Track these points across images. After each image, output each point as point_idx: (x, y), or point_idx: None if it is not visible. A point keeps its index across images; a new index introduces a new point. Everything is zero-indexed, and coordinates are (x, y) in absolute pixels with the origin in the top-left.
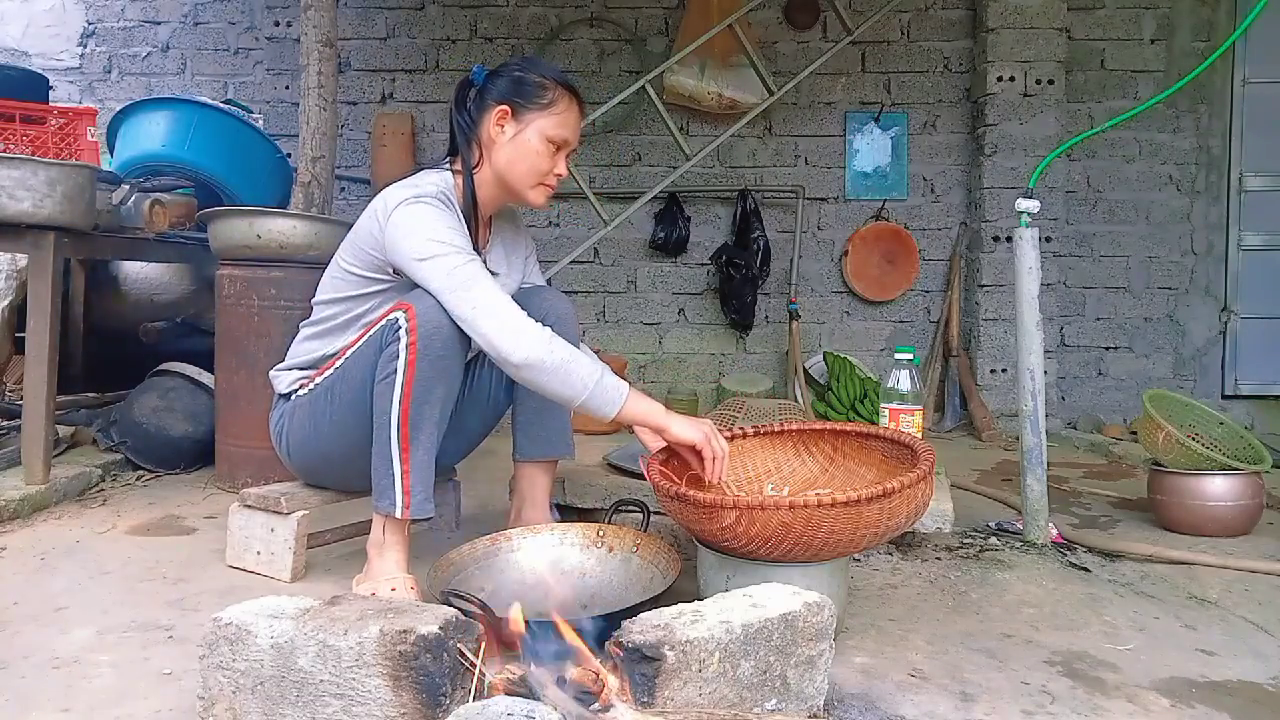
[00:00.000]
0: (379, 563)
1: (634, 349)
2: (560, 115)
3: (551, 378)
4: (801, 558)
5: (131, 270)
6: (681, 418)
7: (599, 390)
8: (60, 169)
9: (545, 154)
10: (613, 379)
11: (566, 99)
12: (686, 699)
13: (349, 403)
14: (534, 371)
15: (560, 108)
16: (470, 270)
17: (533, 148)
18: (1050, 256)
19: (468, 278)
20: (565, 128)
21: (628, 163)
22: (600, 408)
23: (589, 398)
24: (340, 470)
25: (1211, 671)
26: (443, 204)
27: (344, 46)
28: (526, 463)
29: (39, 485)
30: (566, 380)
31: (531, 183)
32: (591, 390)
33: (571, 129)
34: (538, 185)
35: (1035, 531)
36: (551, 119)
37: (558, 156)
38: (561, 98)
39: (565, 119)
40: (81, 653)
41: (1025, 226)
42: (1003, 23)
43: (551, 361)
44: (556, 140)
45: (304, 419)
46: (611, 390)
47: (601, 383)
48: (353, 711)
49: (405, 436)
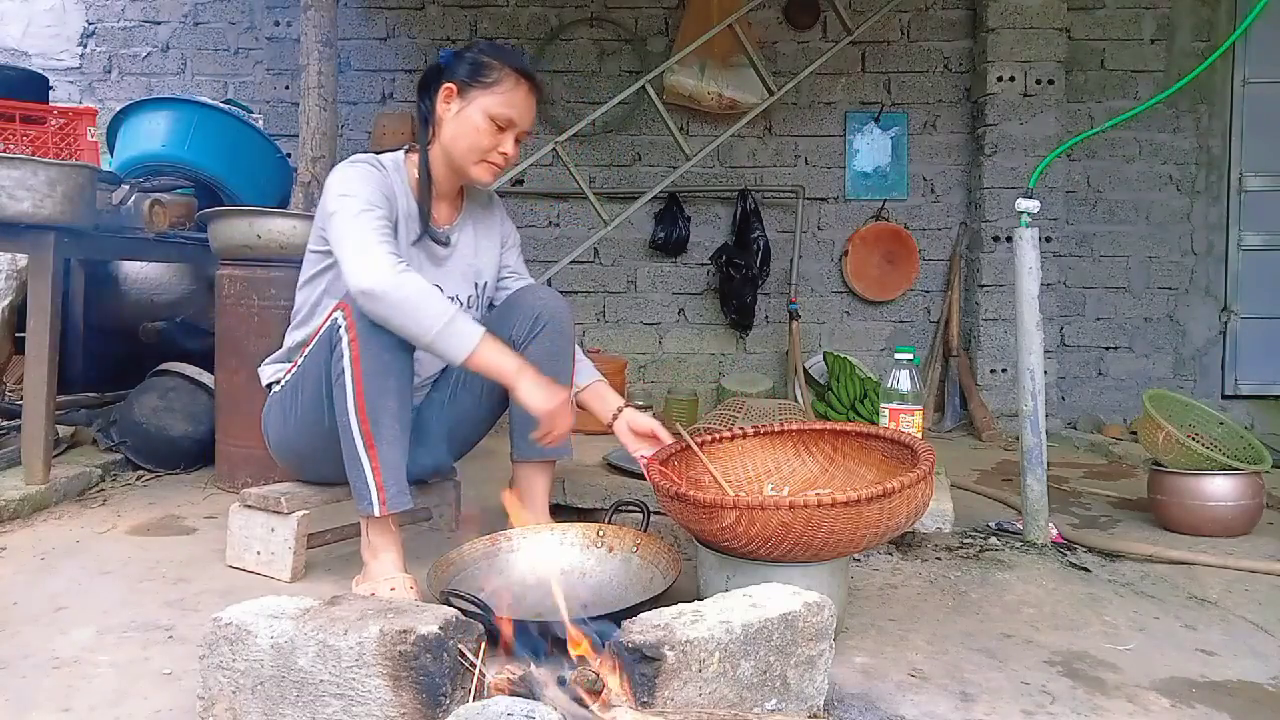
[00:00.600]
0: (375, 564)
1: (634, 349)
2: (504, 95)
3: (395, 311)
4: (801, 558)
5: (131, 270)
6: (534, 381)
7: (448, 331)
8: (60, 169)
9: (487, 131)
10: (468, 325)
11: (513, 79)
12: (686, 699)
13: (310, 401)
14: (376, 302)
15: (504, 87)
16: (357, 215)
17: (474, 124)
18: (1050, 256)
19: (351, 220)
20: (509, 107)
21: (628, 163)
22: (448, 350)
23: (436, 337)
24: (313, 463)
25: (1211, 671)
26: (372, 166)
27: (344, 46)
28: (524, 463)
29: (39, 485)
30: (413, 316)
31: (473, 159)
32: (439, 330)
33: (517, 109)
34: (480, 162)
35: (1035, 531)
36: (494, 97)
37: (503, 135)
38: (507, 78)
39: (509, 99)
40: (81, 653)
41: (1025, 226)
42: (1003, 23)
43: (397, 295)
44: (499, 119)
45: (277, 415)
46: (463, 336)
47: (452, 325)
48: (353, 711)
49: (367, 434)
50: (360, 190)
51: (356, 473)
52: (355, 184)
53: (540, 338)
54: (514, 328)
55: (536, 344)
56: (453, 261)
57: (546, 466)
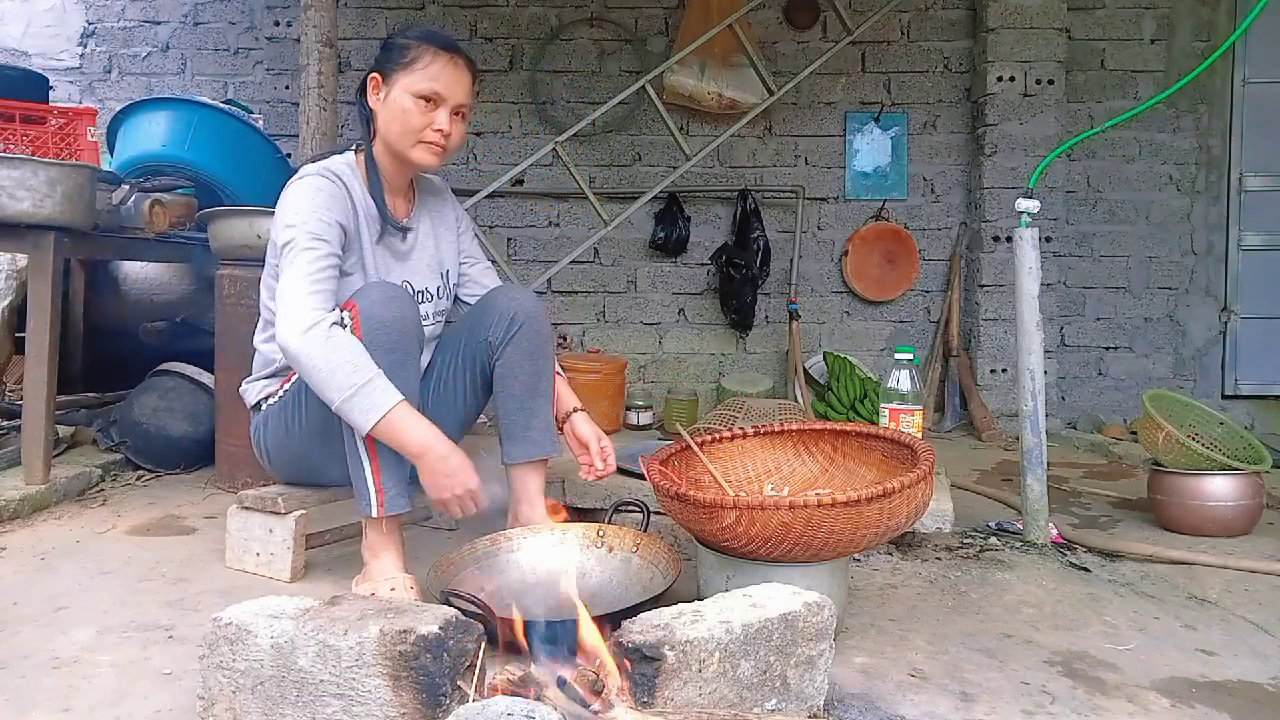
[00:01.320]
0: (375, 564)
1: (634, 349)
2: (424, 70)
3: (306, 374)
4: (801, 558)
5: (131, 270)
6: (434, 469)
7: (350, 406)
8: (60, 169)
9: (416, 111)
10: (371, 399)
11: (430, 53)
12: (686, 699)
13: (316, 405)
14: (292, 362)
15: (423, 63)
16: (296, 256)
17: (400, 106)
18: (1050, 256)
19: (290, 262)
20: (431, 80)
21: (628, 163)
22: (353, 420)
23: (340, 408)
24: (319, 468)
25: (1211, 671)
26: (325, 177)
27: (344, 46)
28: (515, 465)
29: (39, 485)
30: (321, 381)
31: (410, 142)
32: (339, 404)
33: (443, 83)
34: (417, 144)
35: (1035, 531)
36: (415, 75)
37: (434, 113)
38: (424, 53)
39: (429, 72)
40: (81, 653)
41: (1025, 226)
42: (1003, 23)
43: (306, 361)
44: (424, 94)
45: (277, 425)
46: (363, 413)
47: (354, 400)
48: (353, 711)
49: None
50: (308, 218)
51: (358, 473)
52: (304, 209)
53: (518, 338)
54: (490, 329)
55: (514, 345)
56: (415, 255)
57: (538, 466)
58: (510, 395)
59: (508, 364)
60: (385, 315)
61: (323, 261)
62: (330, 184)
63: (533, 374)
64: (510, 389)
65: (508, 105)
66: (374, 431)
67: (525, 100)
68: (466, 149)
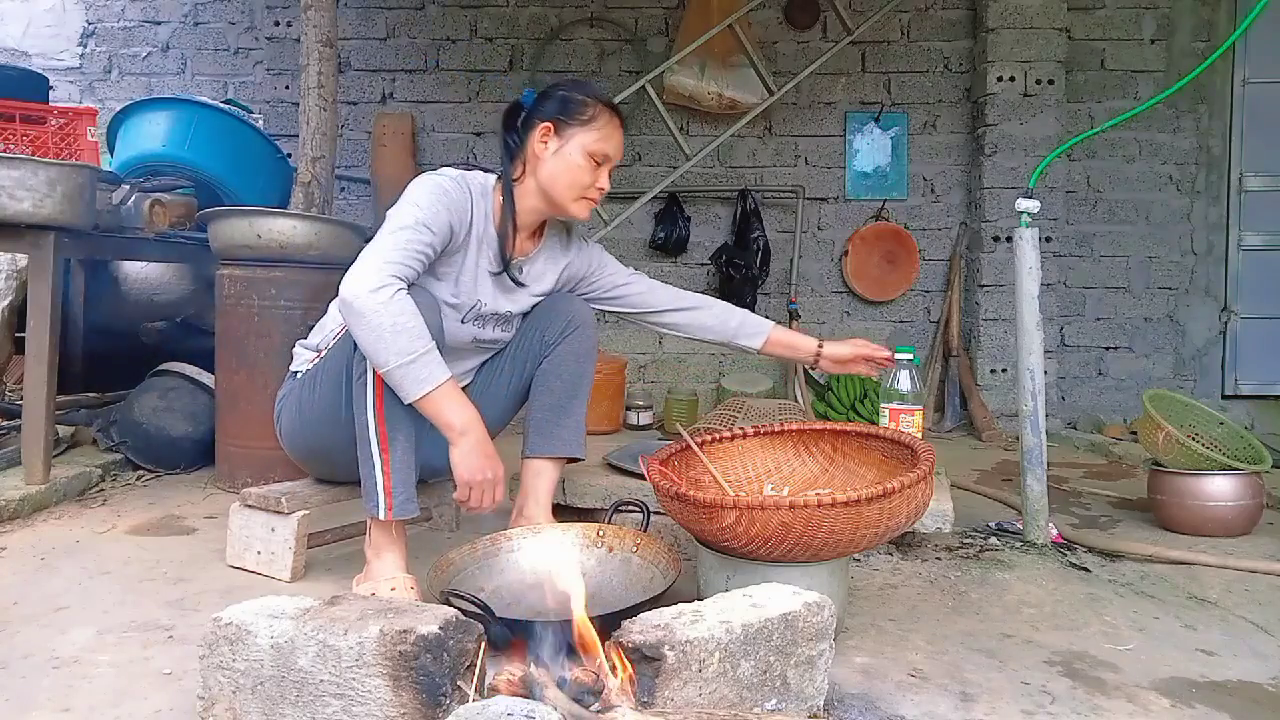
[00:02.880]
0: (377, 564)
1: (634, 349)
2: (601, 130)
3: (364, 330)
4: (801, 558)
5: (131, 270)
6: (473, 447)
7: (401, 372)
8: (60, 169)
9: (587, 168)
10: (429, 370)
11: (607, 115)
12: (686, 699)
13: (327, 396)
14: (351, 314)
15: (601, 123)
16: (397, 230)
17: (574, 161)
18: (1050, 256)
19: (389, 231)
20: (606, 143)
21: (628, 163)
22: (402, 386)
23: (394, 369)
24: (324, 456)
25: (1211, 671)
26: (460, 184)
27: (344, 46)
28: (535, 458)
29: (39, 485)
30: (378, 341)
31: (574, 195)
32: (394, 367)
33: (614, 145)
34: (580, 199)
35: (1035, 531)
36: (592, 134)
37: (599, 171)
38: (602, 114)
39: (606, 134)
40: (81, 653)
41: (1025, 226)
42: (1003, 23)
43: (371, 317)
44: (598, 155)
45: (293, 406)
46: (417, 381)
47: (411, 366)
48: (353, 711)
49: (384, 437)
50: (426, 206)
51: (368, 474)
52: (426, 197)
53: (571, 339)
54: (547, 329)
55: (566, 344)
56: (522, 292)
57: (556, 464)
58: (549, 390)
59: (555, 361)
60: None
61: (421, 244)
62: (457, 188)
63: (576, 375)
64: (551, 385)
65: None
66: (423, 400)
67: None
68: (466, 149)
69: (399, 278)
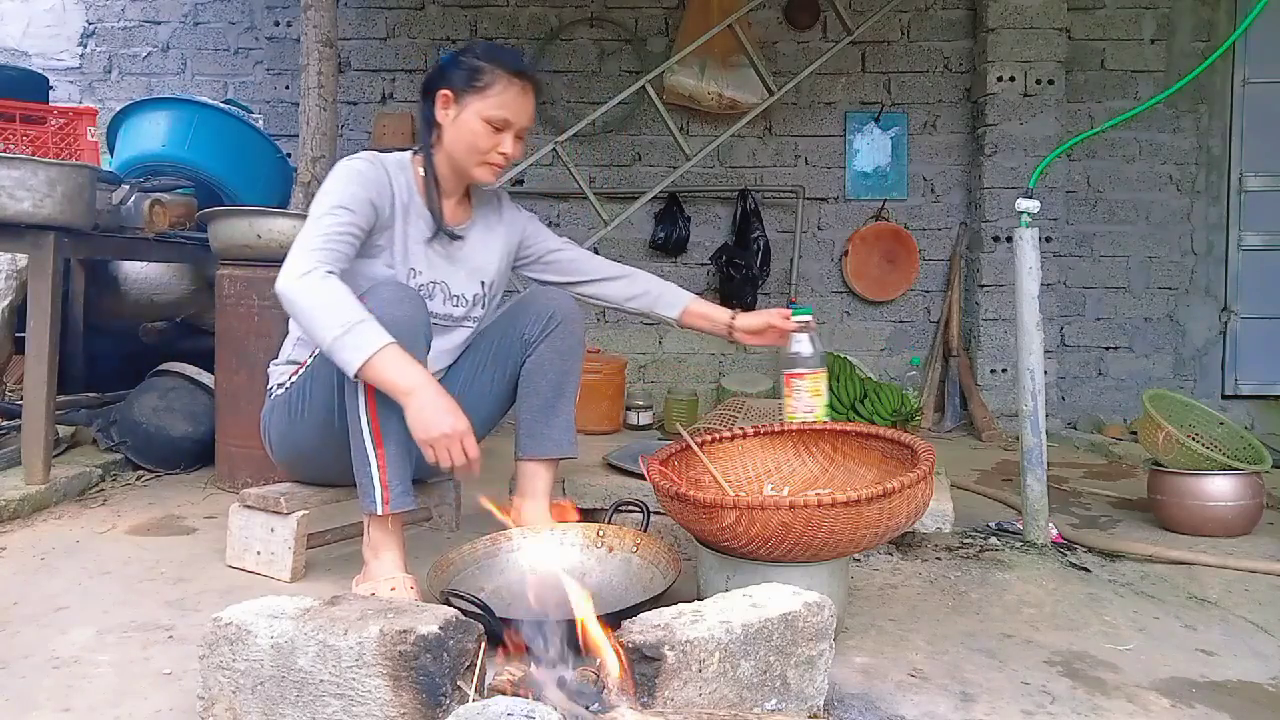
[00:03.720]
0: (376, 564)
1: (634, 349)
2: (498, 97)
3: (296, 314)
4: (802, 558)
5: (131, 270)
6: (429, 402)
7: (339, 344)
8: (60, 169)
9: (484, 134)
10: (364, 337)
11: (505, 81)
12: (686, 699)
13: (321, 399)
14: (283, 302)
15: (496, 89)
16: (319, 218)
17: (470, 128)
18: (1050, 256)
19: (311, 221)
20: (504, 108)
21: (628, 163)
22: (342, 359)
23: (331, 344)
24: (319, 464)
25: (1211, 671)
26: (368, 161)
27: (344, 46)
28: (528, 460)
29: (39, 485)
30: (311, 320)
31: (475, 161)
32: (331, 340)
33: (513, 110)
34: (481, 164)
35: (1035, 531)
36: (488, 100)
37: (500, 136)
38: (498, 80)
39: (503, 100)
40: (81, 653)
41: (1025, 226)
42: (1003, 23)
43: (298, 299)
44: (495, 121)
45: (282, 416)
46: (354, 349)
47: (346, 337)
48: (353, 711)
49: (376, 432)
50: (339, 190)
51: (363, 470)
52: (339, 182)
53: (553, 337)
54: (527, 327)
55: (548, 343)
56: (462, 260)
57: (551, 465)
58: (535, 391)
59: (538, 360)
60: (396, 313)
61: (341, 225)
62: (371, 167)
63: (561, 373)
64: (537, 385)
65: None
66: (364, 369)
67: None
68: None
69: (323, 261)
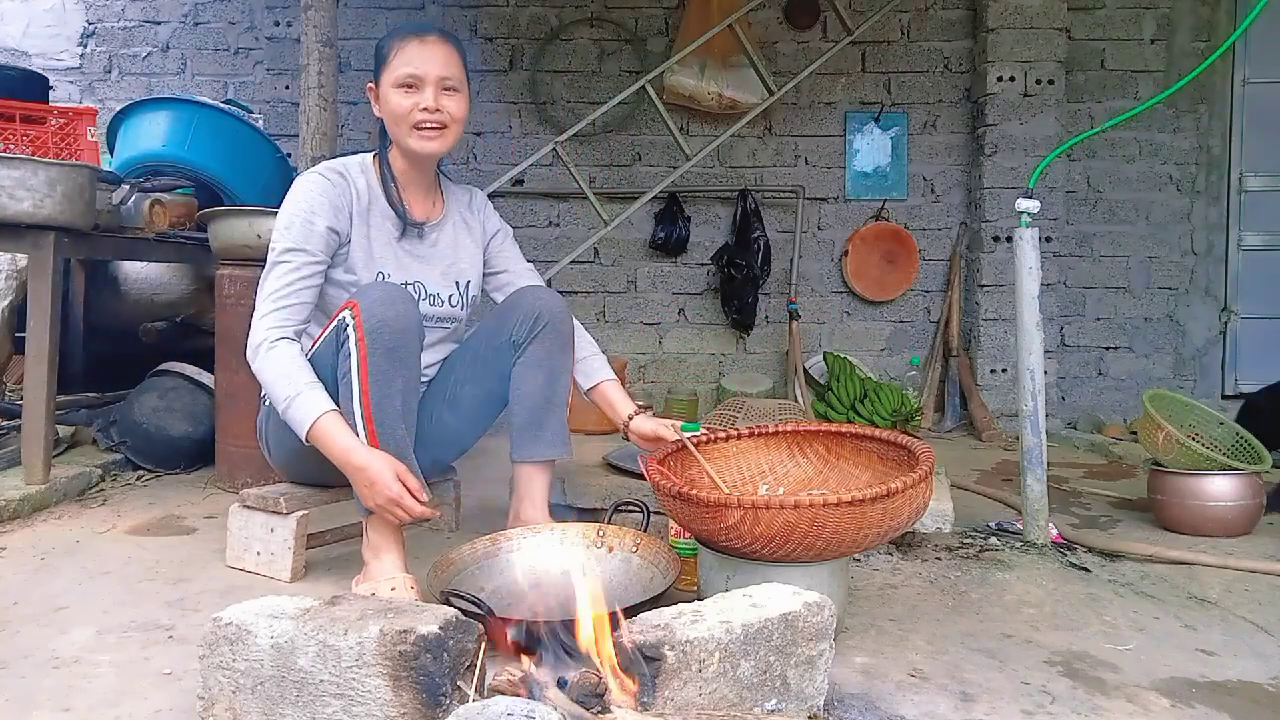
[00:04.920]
0: (376, 564)
1: (634, 349)
2: (396, 59)
3: (263, 384)
4: (804, 558)
5: (131, 270)
6: (359, 481)
7: (286, 415)
8: (60, 169)
9: (400, 100)
10: (304, 410)
11: (399, 43)
12: (687, 699)
13: None
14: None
15: (394, 54)
16: (272, 267)
17: (390, 102)
18: (1050, 256)
19: (268, 270)
20: (406, 65)
21: (628, 163)
22: (294, 427)
23: (284, 416)
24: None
25: (1211, 671)
26: (323, 174)
27: (344, 46)
28: (524, 464)
29: (39, 485)
30: (271, 392)
31: (405, 131)
32: (281, 411)
33: (414, 63)
34: (411, 131)
35: (1035, 531)
36: (393, 66)
37: (415, 95)
38: (393, 45)
39: (404, 59)
40: (81, 653)
41: (1025, 226)
42: (1003, 23)
43: (261, 374)
44: (403, 81)
45: (279, 420)
46: (297, 423)
47: (289, 411)
48: (353, 711)
49: (372, 433)
50: (292, 224)
51: None
52: (289, 216)
53: (540, 338)
54: (514, 328)
55: (536, 344)
56: (435, 259)
57: (546, 467)
58: (526, 394)
59: (527, 362)
60: (387, 314)
61: (293, 274)
62: (326, 181)
63: (551, 374)
64: (527, 388)
65: (508, 105)
66: (310, 437)
67: (525, 100)
68: (466, 149)
69: (274, 326)
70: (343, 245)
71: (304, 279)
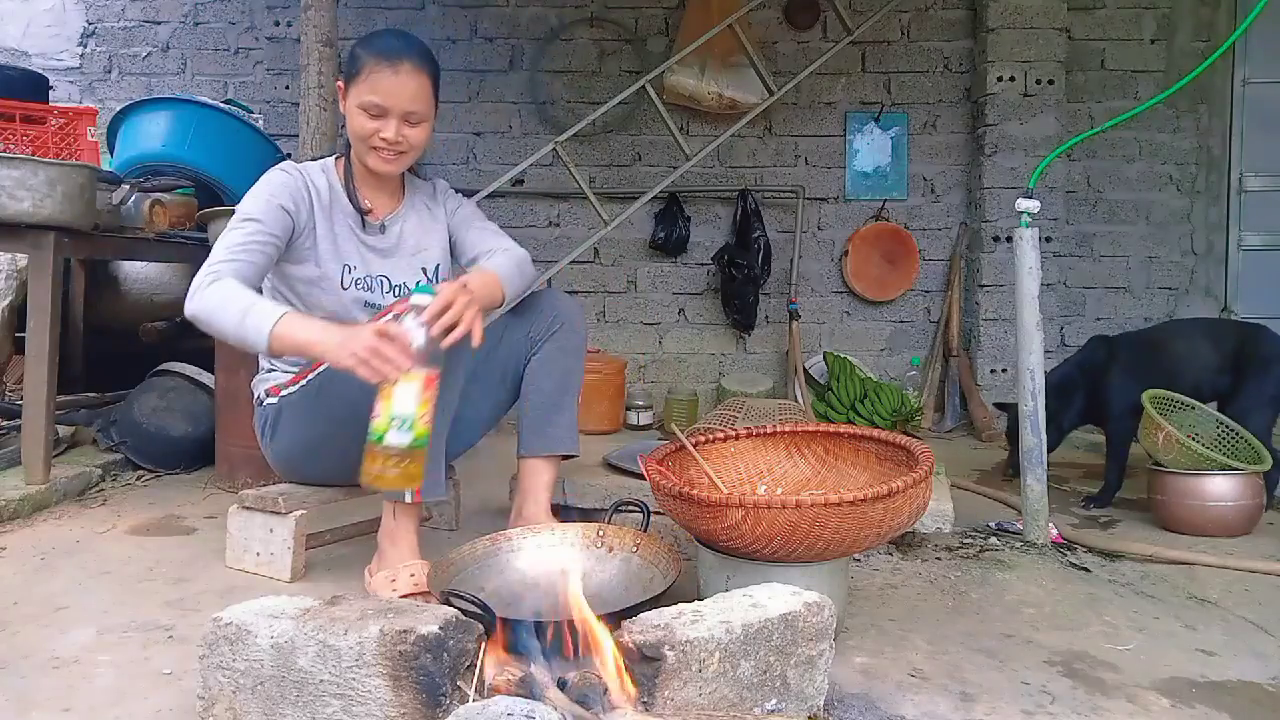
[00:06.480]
0: (394, 551)
1: (634, 349)
2: (365, 82)
3: (202, 320)
4: (805, 557)
5: (131, 270)
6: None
7: (242, 330)
8: (60, 169)
9: (363, 119)
10: (261, 316)
11: (371, 65)
12: (686, 699)
13: (343, 397)
14: (196, 321)
15: (364, 75)
16: (227, 233)
17: (352, 116)
18: (1050, 256)
19: (222, 236)
20: (373, 93)
21: (628, 163)
22: (252, 346)
23: (236, 330)
24: (316, 466)
25: (1211, 671)
26: (282, 170)
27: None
28: (530, 458)
29: (39, 485)
30: (214, 319)
31: (363, 149)
32: (234, 331)
33: (382, 94)
34: (369, 151)
35: (1035, 531)
36: (361, 87)
37: (378, 122)
38: (365, 65)
39: (372, 84)
40: (81, 653)
41: (1025, 226)
42: (1003, 23)
43: (199, 307)
44: (369, 107)
45: (295, 416)
46: (257, 330)
47: (246, 320)
48: (353, 711)
49: None
50: (249, 204)
51: None
52: (250, 199)
53: (558, 336)
54: (533, 326)
55: (553, 341)
56: (398, 251)
57: (552, 462)
58: (540, 390)
59: (544, 359)
60: None
61: (244, 238)
62: (284, 175)
63: (565, 372)
64: (541, 384)
65: (508, 105)
66: (272, 343)
67: (525, 100)
68: (466, 149)
69: (218, 274)
70: (300, 235)
71: (257, 243)
